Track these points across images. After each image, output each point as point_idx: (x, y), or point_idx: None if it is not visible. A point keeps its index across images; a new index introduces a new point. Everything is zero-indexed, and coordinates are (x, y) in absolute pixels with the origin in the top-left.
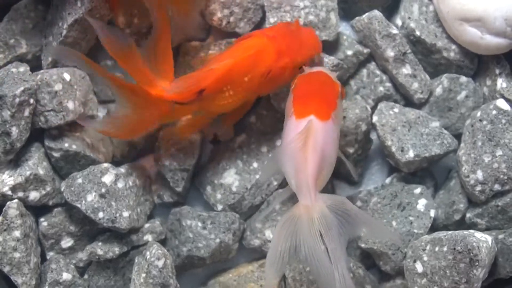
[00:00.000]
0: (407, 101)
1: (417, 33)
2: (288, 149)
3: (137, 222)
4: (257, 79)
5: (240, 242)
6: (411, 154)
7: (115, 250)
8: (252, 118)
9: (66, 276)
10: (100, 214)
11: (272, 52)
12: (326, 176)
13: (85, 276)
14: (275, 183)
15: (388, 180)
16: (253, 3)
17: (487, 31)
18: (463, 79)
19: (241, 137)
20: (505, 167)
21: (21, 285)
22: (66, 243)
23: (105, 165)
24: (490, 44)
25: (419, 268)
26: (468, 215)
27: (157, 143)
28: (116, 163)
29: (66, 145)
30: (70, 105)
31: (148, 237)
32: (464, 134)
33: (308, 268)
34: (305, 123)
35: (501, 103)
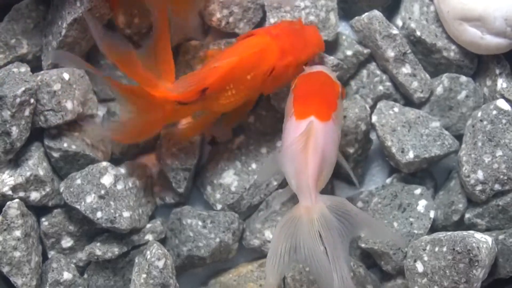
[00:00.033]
0: (407, 101)
1: (418, 34)
2: (289, 151)
3: (139, 223)
4: (260, 78)
5: (240, 242)
6: (411, 155)
7: (115, 251)
8: (251, 119)
9: (67, 276)
10: (99, 214)
11: (276, 50)
12: (326, 177)
13: (85, 276)
14: (275, 183)
15: (389, 181)
16: (253, 3)
17: (487, 31)
18: (463, 79)
19: (240, 138)
20: (505, 167)
21: (21, 287)
22: (66, 243)
23: (104, 164)
24: (490, 44)
25: (420, 268)
26: (468, 215)
27: (159, 141)
28: (116, 161)
29: (65, 145)
30: (69, 105)
31: (149, 237)
32: (465, 135)
33: (308, 268)
34: (306, 124)
35: (501, 103)
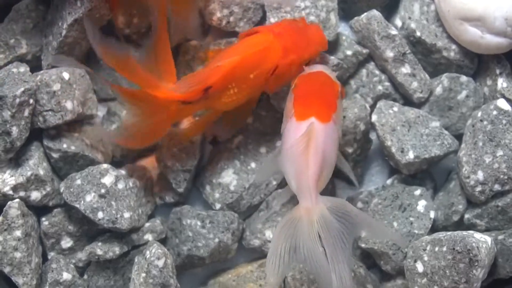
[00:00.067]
0: (406, 101)
1: (418, 34)
2: (290, 152)
3: (138, 222)
4: (263, 76)
5: (240, 242)
6: (411, 155)
7: (115, 250)
8: (250, 119)
9: (66, 276)
10: (100, 214)
11: (279, 49)
12: (326, 178)
13: (85, 276)
14: (274, 183)
15: (389, 181)
16: (253, 2)
17: (488, 31)
18: (464, 79)
19: (238, 138)
20: (506, 167)
21: (22, 286)
22: (66, 243)
23: (105, 166)
24: (491, 44)
25: (420, 268)
26: (467, 216)
27: (160, 142)
28: (116, 163)
29: (65, 146)
30: (69, 105)
31: (149, 236)
32: (465, 135)
33: (308, 269)
34: (306, 125)
35: (502, 103)
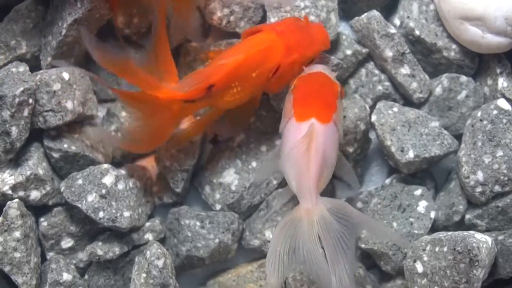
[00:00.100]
0: (406, 101)
1: (417, 33)
2: (291, 153)
3: (138, 222)
4: (266, 75)
5: (240, 242)
6: (411, 155)
7: (115, 250)
8: (251, 119)
9: (67, 277)
10: (101, 214)
11: (281, 48)
12: (326, 179)
13: (85, 277)
14: (275, 182)
15: (388, 181)
16: (254, 2)
17: (488, 30)
18: (464, 79)
19: (240, 137)
20: (505, 168)
21: (22, 285)
22: (66, 244)
23: (105, 166)
24: (491, 43)
25: (420, 268)
26: (468, 216)
27: None
28: (116, 164)
29: (65, 146)
30: (69, 105)
31: (149, 236)
32: (465, 135)
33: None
34: (307, 126)
35: (502, 103)
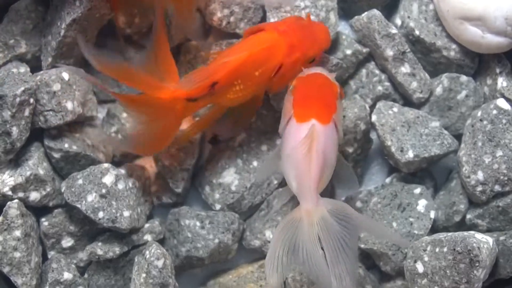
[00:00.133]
0: (406, 101)
1: (416, 33)
2: (291, 154)
3: (138, 222)
4: (268, 74)
5: (240, 243)
6: (411, 155)
7: (115, 250)
8: (252, 118)
9: (67, 276)
10: (100, 214)
11: (284, 47)
12: (327, 179)
13: (85, 276)
14: (275, 182)
15: (388, 180)
16: (254, 2)
17: (488, 30)
18: (464, 79)
19: (241, 136)
20: (505, 168)
21: (21, 286)
22: (67, 243)
23: (106, 166)
24: (491, 43)
25: (420, 269)
26: (469, 216)
27: None
28: (116, 163)
29: (66, 146)
30: (69, 105)
31: (148, 237)
32: (465, 135)
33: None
34: (307, 127)
35: (502, 103)
